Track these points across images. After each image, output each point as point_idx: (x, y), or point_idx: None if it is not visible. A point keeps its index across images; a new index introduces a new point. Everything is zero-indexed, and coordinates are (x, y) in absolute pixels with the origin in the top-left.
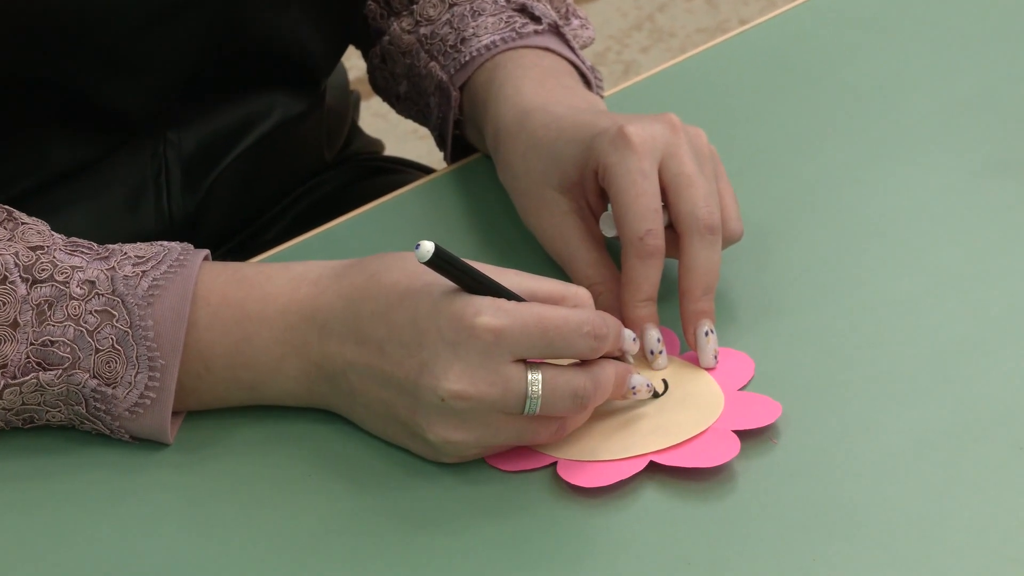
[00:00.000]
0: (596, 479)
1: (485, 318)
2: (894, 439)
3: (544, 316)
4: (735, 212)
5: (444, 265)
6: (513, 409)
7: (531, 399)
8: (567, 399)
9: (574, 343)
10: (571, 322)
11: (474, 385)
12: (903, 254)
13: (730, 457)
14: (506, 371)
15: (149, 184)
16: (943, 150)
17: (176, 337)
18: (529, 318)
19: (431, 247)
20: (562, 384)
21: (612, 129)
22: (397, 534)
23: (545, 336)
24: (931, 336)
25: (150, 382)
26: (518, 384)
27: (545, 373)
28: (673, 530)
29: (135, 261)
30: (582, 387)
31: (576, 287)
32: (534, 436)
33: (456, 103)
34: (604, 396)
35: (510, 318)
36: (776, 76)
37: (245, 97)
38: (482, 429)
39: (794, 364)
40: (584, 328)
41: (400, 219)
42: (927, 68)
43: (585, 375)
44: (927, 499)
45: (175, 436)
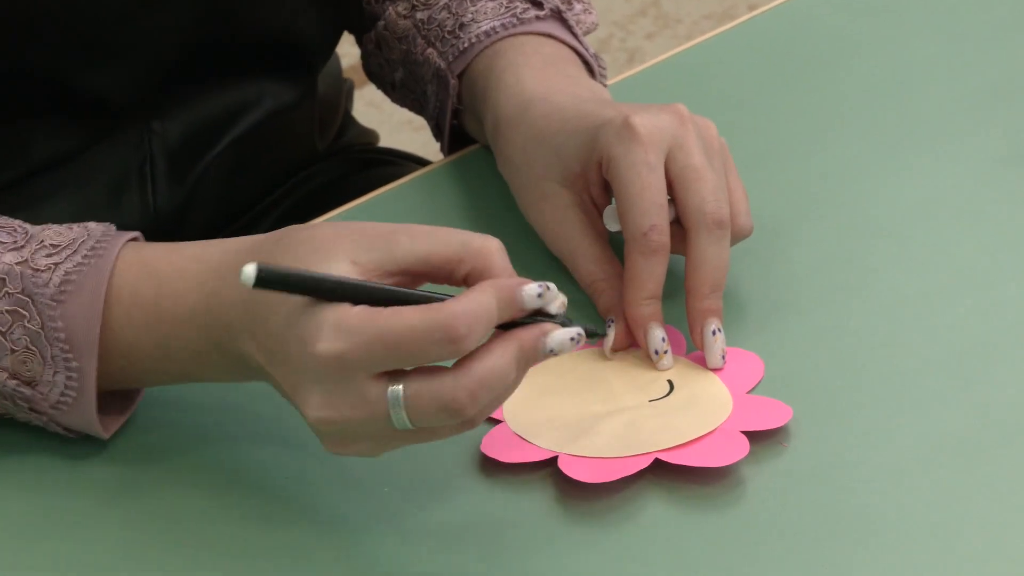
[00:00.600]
0: (599, 474)
1: (323, 344)
2: (910, 443)
3: (386, 330)
4: (745, 207)
5: (277, 284)
6: (385, 428)
7: (396, 417)
8: (440, 413)
9: (428, 351)
10: (418, 330)
11: (336, 410)
12: (919, 250)
13: (739, 457)
14: (366, 391)
15: (133, 176)
16: (960, 142)
17: (90, 337)
18: (372, 334)
19: (251, 270)
20: (428, 398)
21: (617, 120)
22: (381, 539)
23: (393, 351)
24: (948, 336)
25: (68, 382)
26: (379, 405)
27: (408, 387)
28: (679, 538)
29: (50, 251)
30: (452, 399)
31: (481, 242)
32: (432, 437)
33: (454, 92)
34: (498, 386)
35: (350, 340)
36: (787, 64)
37: (234, 85)
38: (368, 441)
39: (805, 365)
40: (435, 334)
41: (395, 213)
42: (943, 56)
43: (457, 381)
44: (944, 506)
45: (117, 429)
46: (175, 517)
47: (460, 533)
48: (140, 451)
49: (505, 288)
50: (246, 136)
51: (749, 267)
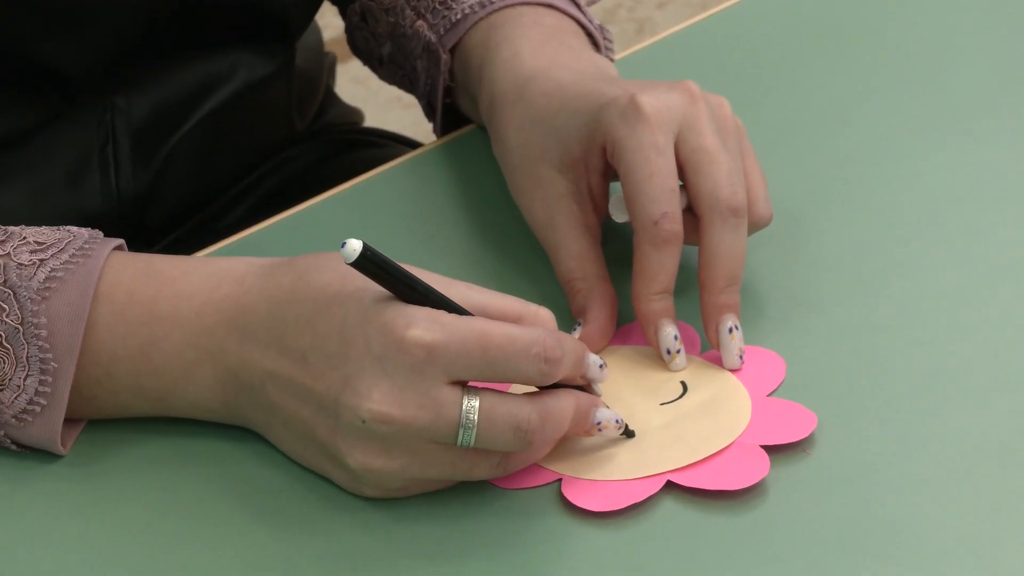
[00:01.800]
0: (605, 501)
1: (417, 331)
2: (943, 451)
3: (487, 332)
4: (763, 193)
5: (374, 268)
6: (444, 438)
7: (465, 429)
8: (507, 432)
9: (520, 366)
10: (518, 341)
11: (401, 407)
12: (953, 239)
13: (758, 479)
14: (439, 394)
15: (94, 156)
16: (998, 121)
17: (73, 338)
18: (469, 333)
19: (358, 246)
20: (503, 414)
21: (622, 98)
22: (373, 559)
23: (486, 355)
24: (985, 333)
25: (40, 387)
26: (451, 410)
27: (484, 400)
28: (693, 552)
29: (34, 248)
30: (526, 420)
31: (537, 307)
32: (471, 471)
33: (446, 68)
34: (557, 432)
35: (446, 332)
36: (810, 36)
37: (204, 56)
38: (408, 458)
39: (829, 365)
40: (533, 349)
41: (382, 200)
42: (979, 28)
43: (532, 405)
44: (980, 518)
45: (71, 447)
46: (141, 535)
47: (459, 546)
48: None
49: (580, 345)
50: (218, 113)
51: (768, 258)
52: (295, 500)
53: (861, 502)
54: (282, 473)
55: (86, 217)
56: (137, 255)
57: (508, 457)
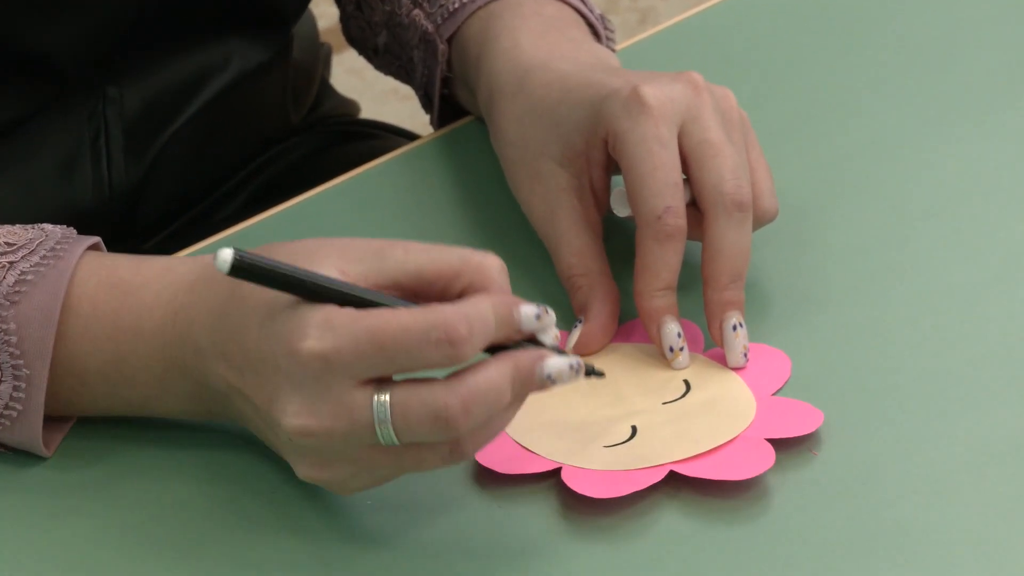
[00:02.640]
0: (607, 489)
1: (309, 342)
2: (954, 451)
3: (378, 329)
4: (769, 187)
5: (254, 274)
6: (369, 441)
7: (381, 428)
8: (427, 424)
9: (423, 354)
10: (413, 330)
11: (316, 419)
12: (964, 234)
13: (763, 469)
14: (349, 398)
15: (85, 148)
16: (1011, 112)
17: (44, 343)
18: (361, 334)
19: (228, 256)
20: (416, 406)
21: (624, 90)
22: (368, 558)
23: (383, 352)
24: (998, 330)
25: (15, 392)
26: (363, 413)
27: (395, 395)
28: (696, 555)
29: (3, 249)
30: (443, 407)
31: (482, 257)
32: (419, 464)
33: (443, 58)
34: (492, 406)
35: (338, 338)
36: (815, 27)
37: (198, 45)
38: (350, 465)
39: (837, 363)
40: (432, 335)
41: (379, 193)
42: (991, 16)
43: (448, 390)
44: (990, 520)
45: (57, 448)
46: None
47: (455, 550)
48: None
49: (502, 304)
50: (212, 104)
51: (774, 254)
52: (287, 499)
53: (868, 503)
54: (272, 471)
55: (78, 211)
56: (105, 259)
57: (457, 444)
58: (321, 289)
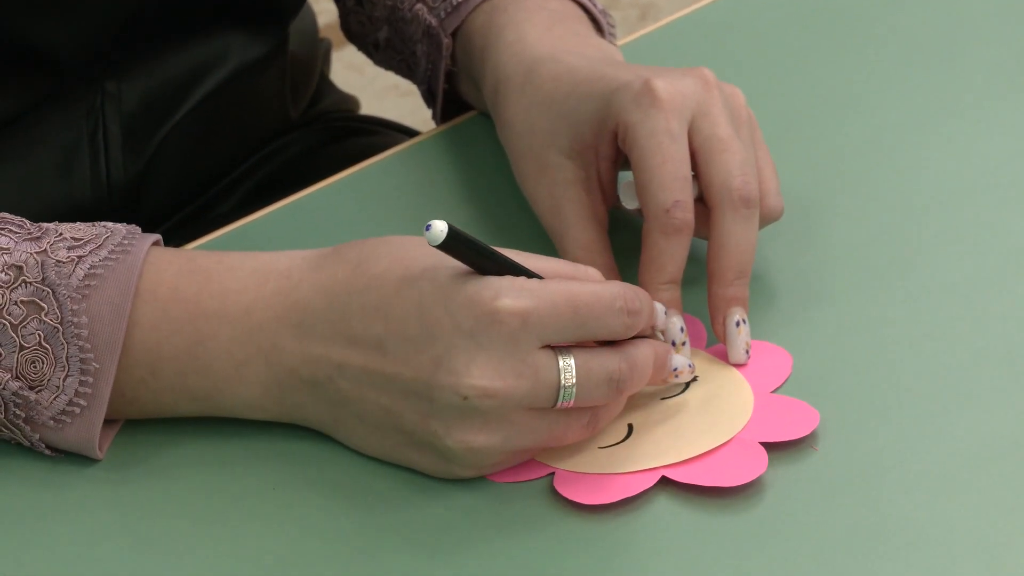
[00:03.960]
0: (598, 495)
1: (507, 300)
2: (955, 448)
3: (573, 293)
4: (775, 186)
5: (459, 247)
6: (545, 402)
7: (565, 388)
8: (603, 385)
9: (608, 321)
10: (603, 298)
11: (502, 378)
12: (968, 230)
13: (755, 476)
14: (535, 359)
15: (84, 144)
16: (1015, 107)
17: (115, 336)
18: (558, 296)
19: (443, 228)
20: (596, 368)
21: (636, 83)
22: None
23: (577, 315)
24: (1001, 327)
25: (80, 387)
26: (549, 373)
27: (578, 358)
28: (691, 552)
29: (71, 244)
30: (617, 370)
31: (586, 267)
32: (565, 431)
33: (448, 52)
34: (642, 380)
35: (536, 298)
36: (817, 22)
37: (196, 39)
38: (508, 428)
39: (839, 360)
40: (617, 303)
41: (380, 189)
42: (994, 13)
43: (620, 356)
44: (991, 517)
45: (107, 451)
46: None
47: (450, 551)
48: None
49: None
50: (210, 99)
51: (776, 250)
52: (288, 494)
53: (869, 500)
54: (277, 467)
55: (76, 207)
56: (177, 250)
57: (596, 414)
58: (506, 263)
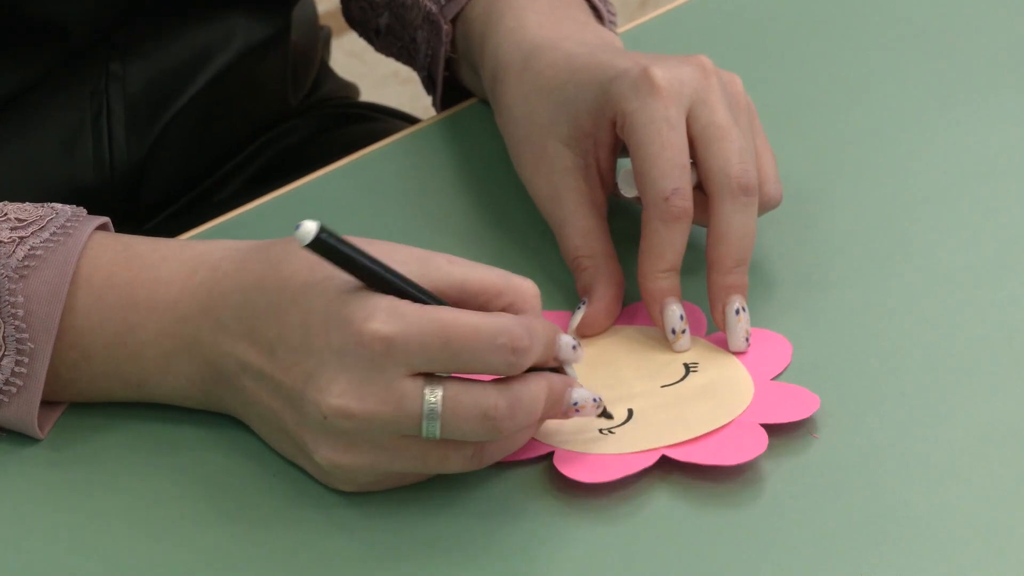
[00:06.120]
0: (598, 473)
1: (376, 324)
2: (954, 436)
3: (448, 323)
4: (773, 173)
5: (332, 252)
6: (409, 431)
7: (429, 420)
8: (474, 421)
9: (485, 357)
10: (483, 332)
11: (361, 402)
12: (967, 218)
13: (756, 454)
14: (399, 386)
15: (87, 126)
16: (1014, 97)
17: (50, 318)
18: (429, 325)
19: (313, 227)
20: (468, 403)
21: (634, 71)
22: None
23: (448, 347)
24: (1000, 314)
25: (17, 367)
26: (413, 403)
27: (448, 389)
28: (688, 537)
29: (15, 224)
30: (493, 407)
31: (521, 280)
32: (442, 463)
33: (447, 38)
34: (529, 417)
35: (406, 324)
36: (817, 10)
37: (201, 20)
38: (375, 453)
39: (839, 348)
40: (499, 339)
41: (381, 176)
42: (995, 1)
43: (499, 392)
44: (993, 504)
45: (50, 430)
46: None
47: (447, 532)
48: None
49: (550, 328)
50: (215, 83)
51: (776, 238)
52: (272, 491)
53: (869, 488)
54: (260, 464)
55: (78, 189)
56: (118, 236)
57: (481, 449)
58: (392, 280)
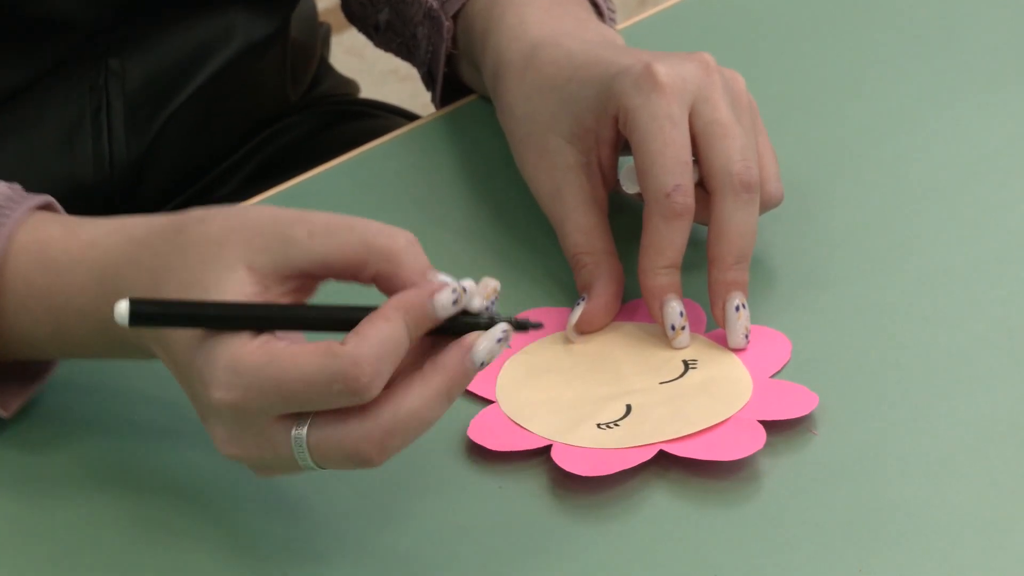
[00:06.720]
0: (595, 467)
1: (219, 392)
2: (955, 432)
3: (281, 380)
4: (775, 172)
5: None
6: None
7: (303, 460)
8: (344, 462)
9: (328, 402)
10: (315, 383)
11: (243, 449)
12: (968, 214)
13: (754, 450)
14: (269, 433)
15: (87, 121)
16: (1015, 90)
17: None
18: (266, 383)
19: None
20: (332, 447)
21: (637, 67)
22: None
23: (290, 400)
24: (1000, 310)
25: None
26: (283, 447)
27: (311, 435)
28: (691, 538)
29: None
30: (355, 448)
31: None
32: None
33: (448, 35)
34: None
35: (245, 388)
36: (816, 6)
37: (201, 16)
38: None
39: (838, 344)
40: (334, 387)
41: (380, 173)
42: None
43: (363, 427)
44: (991, 501)
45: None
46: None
47: (443, 525)
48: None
49: (414, 306)
50: (214, 79)
51: (776, 235)
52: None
53: (867, 484)
54: None
55: (78, 186)
56: (38, 232)
57: None
58: (221, 317)
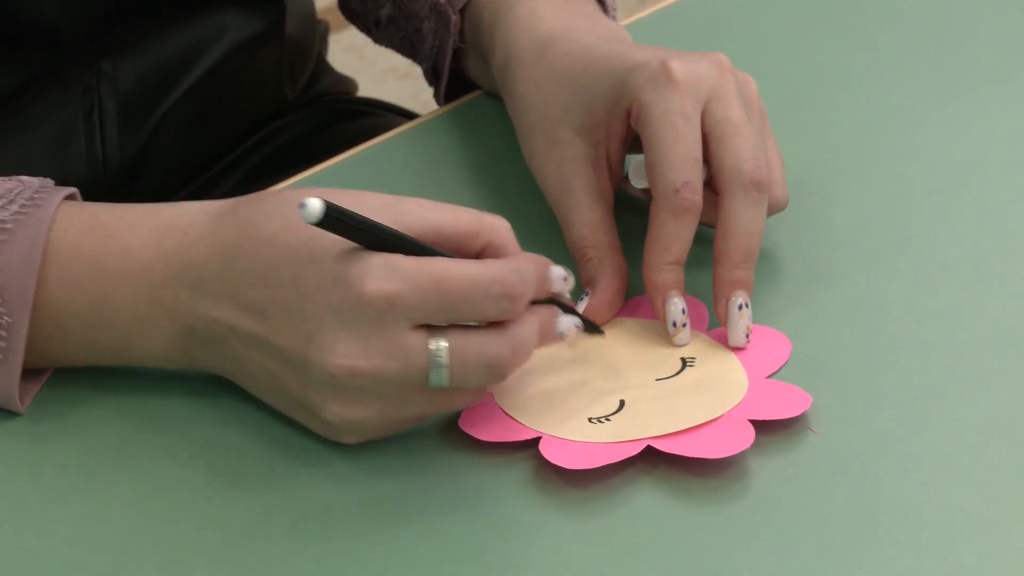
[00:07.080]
0: (581, 460)
1: (375, 283)
2: (954, 431)
3: (444, 277)
4: (781, 177)
5: (337, 224)
6: (417, 383)
7: (436, 372)
8: (480, 370)
9: (482, 306)
10: (477, 282)
11: (368, 359)
12: (969, 212)
13: (741, 448)
14: (404, 341)
15: (80, 123)
16: (1017, 88)
17: (24, 290)
18: (426, 280)
19: (318, 207)
20: (472, 354)
21: (653, 63)
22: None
23: (445, 300)
24: (1001, 309)
25: None
26: (418, 357)
27: (452, 340)
28: (678, 535)
29: None
30: (496, 355)
31: (493, 219)
32: (449, 404)
33: (456, 29)
34: (526, 357)
35: (403, 281)
36: (820, 4)
37: (191, 16)
38: (384, 404)
39: (838, 342)
40: (493, 288)
41: (380, 172)
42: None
43: (500, 339)
44: (990, 500)
45: (30, 405)
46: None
47: (430, 515)
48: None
49: (540, 264)
50: (207, 78)
51: (777, 233)
52: (259, 458)
53: (867, 484)
54: (245, 430)
55: (72, 186)
56: (85, 206)
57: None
58: (394, 240)
